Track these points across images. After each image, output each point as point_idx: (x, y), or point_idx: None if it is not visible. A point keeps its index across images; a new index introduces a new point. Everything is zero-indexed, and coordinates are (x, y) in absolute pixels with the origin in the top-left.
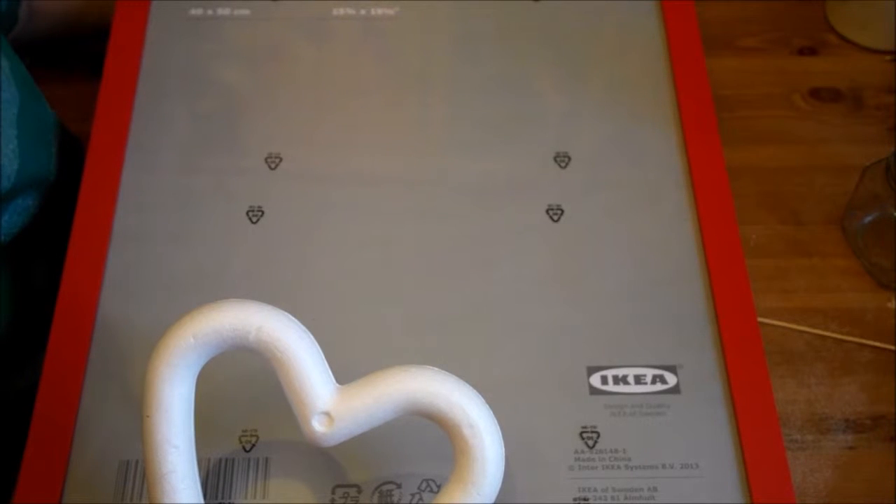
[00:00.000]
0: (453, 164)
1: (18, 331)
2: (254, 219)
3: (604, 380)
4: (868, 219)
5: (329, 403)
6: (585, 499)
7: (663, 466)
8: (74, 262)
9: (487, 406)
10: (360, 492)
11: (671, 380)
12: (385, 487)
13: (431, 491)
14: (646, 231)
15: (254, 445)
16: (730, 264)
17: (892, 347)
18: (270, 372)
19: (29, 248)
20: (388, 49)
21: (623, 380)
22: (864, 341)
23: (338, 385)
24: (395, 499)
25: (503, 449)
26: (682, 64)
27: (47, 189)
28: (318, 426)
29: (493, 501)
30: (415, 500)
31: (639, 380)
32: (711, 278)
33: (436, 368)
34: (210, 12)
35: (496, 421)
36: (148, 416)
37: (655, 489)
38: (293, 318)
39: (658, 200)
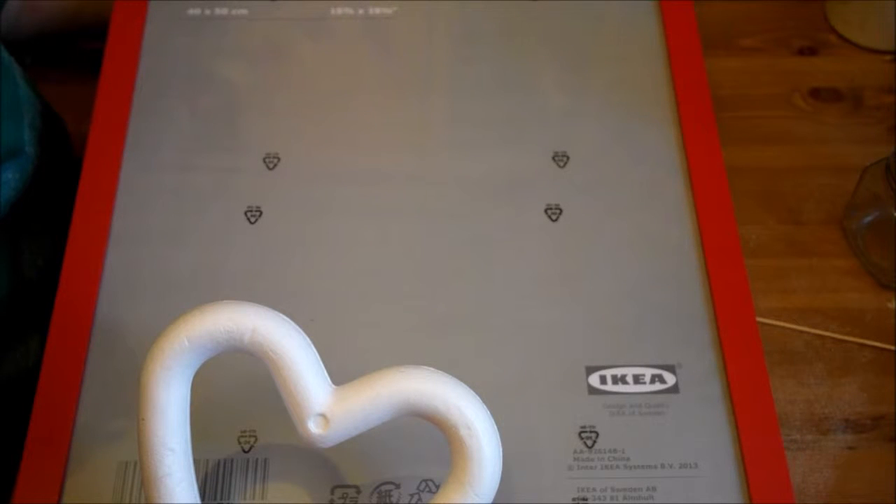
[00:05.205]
0: (451, 163)
1: (4, 313)
2: (252, 219)
3: (602, 379)
4: (868, 219)
5: (325, 405)
6: (584, 499)
7: (662, 466)
8: (73, 262)
9: (485, 406)
10: (358, 492)
11: (670, 379)
12: (384, 488)
13: (430, 491)
14: (644, 231)
15: (252, 446)
16: (729, 264)
17: (892, 347)
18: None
19: (15, 230)
20: (386, 48)
21: (622, 379)
22: (864, 341)
23: (334, 386)
24: (393, 499)
25: (500, 449)
26: (681, 64)
27: (29, 165)
28: (314, 428)
29: (490, 502)
30: (413, 501)
31: (637, 379)
32: (710, 278)
33: (432, 369)
34: (208, 12)
35: (493, 421)
36: (143, 420)
37: (654, 489)
38: (288, 320)
39: (657, 200)
